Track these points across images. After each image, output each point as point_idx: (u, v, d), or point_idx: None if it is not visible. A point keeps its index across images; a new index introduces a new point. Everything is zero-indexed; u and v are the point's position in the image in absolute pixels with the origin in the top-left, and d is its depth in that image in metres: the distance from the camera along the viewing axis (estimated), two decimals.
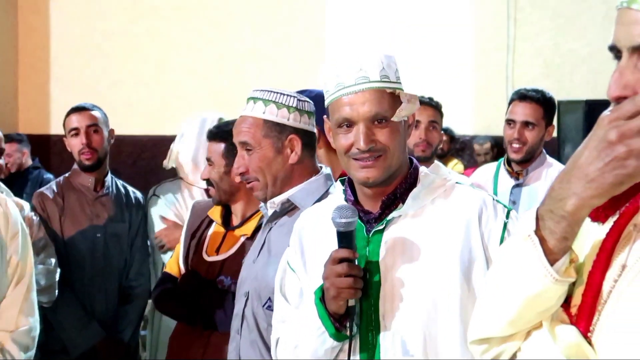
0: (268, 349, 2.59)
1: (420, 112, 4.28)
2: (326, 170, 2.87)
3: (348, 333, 2.13)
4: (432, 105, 4.37)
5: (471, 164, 6.68)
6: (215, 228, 3.17)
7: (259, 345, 2.67)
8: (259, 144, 2.72)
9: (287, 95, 2.77)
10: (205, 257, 3.16)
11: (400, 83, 2.24)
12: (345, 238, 2.11)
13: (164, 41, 8.59)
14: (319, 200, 2.63)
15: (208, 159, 3.19)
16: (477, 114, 7.42)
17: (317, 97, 3.09)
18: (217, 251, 3.22)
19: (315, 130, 2.85)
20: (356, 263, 2.11)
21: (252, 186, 2.79)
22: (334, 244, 2.13)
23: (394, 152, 2.20)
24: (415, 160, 2.34)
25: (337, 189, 2.38)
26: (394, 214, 2.22)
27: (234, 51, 8.17)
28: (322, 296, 2.15)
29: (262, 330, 2.63)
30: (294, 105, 2.76)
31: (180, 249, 3.25)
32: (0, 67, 9.15)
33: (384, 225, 2.23)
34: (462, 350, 2.14)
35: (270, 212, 2.78)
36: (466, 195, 2.27)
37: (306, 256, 2.32)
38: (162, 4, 8.67)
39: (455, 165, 6.29)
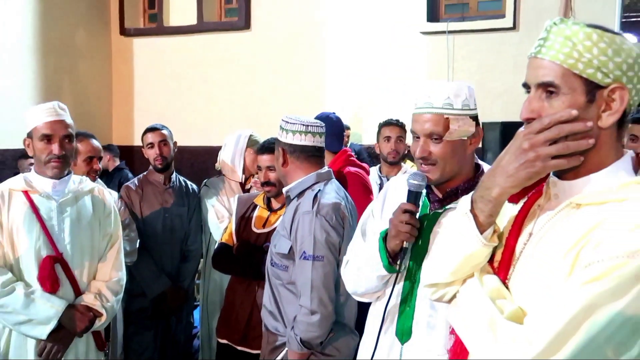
0: (273, 295, 2.62)
1: (392, 130, 4.30)
2: (325, 168, 2.80)
3: (397, 268, 2.04)
4: (399, 126, 4.37)
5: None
6: (260, 211, 3.12)
7: (270, 292, 2.68)
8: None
9: (311, 123, 2.74)
10: (254, 230, 3.11)
11: (460, 111, 2.01)
12: (412, 196, 2.01)
13: (212, 81, 8.59)
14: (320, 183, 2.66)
15: (259, 167, 3.13)
16: None
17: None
18: (264, 226, 3.18)
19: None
20: (417, 218, 2.01)
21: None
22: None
23: (446, 162, 2.03)
24: (482, 167, 2.17)
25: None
26: (452, 205, 2.02)
27: (261, 87, 8.17)
28: (385, 236, 2.06)
29: (271, 276, 2.65)
30: (315, 131, 2.74)
31: (232, 226, 3.20)
32: (100, 98, 9.15)
33: (442, 210, 2.07)
34: None
35: (290, 193, 2.73)
36: None
37: (385, 207, 2.22)
38: (211, 55, 8.65)
39: (413, 166, 6.22)
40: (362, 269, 2.14)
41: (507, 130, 4.16)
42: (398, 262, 2.03)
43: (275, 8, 8.34)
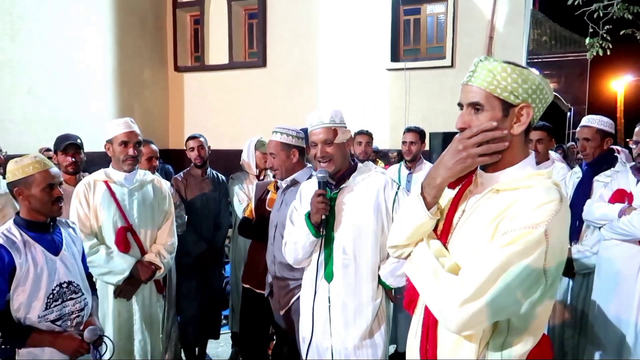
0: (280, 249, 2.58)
1: (362, 137, 4.26)
2: (309, 165, 2.82)
3: (321, 233, 2.15)
4: (368, 134, 4.33)
5: (385, 162, 6.63)
6: (271, 195, 3.07)
7: (281, 247, 2.64)
8: (278, 154, 2.70)
9: (292, 129, 2.74)
10: (267, 208, 3.04)
11: (339, 124, 2.21)
12: (321, 185, 2.14)
13: (239, 103, 8.58)
14: (307, 179, 2.61)
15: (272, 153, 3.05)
16: (391, 138, 7.37)
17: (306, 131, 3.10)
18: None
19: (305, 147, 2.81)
20: (326, 197, 2.13)
21: (275, 174, 2.78)
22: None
23: (338, 158, 2.20)
24: (356, 160, 2.33)
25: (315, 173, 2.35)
26: (342, 185, 2.23)
27: (273, 108, 8.17)
28: (308, 215, 2.16)
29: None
30: (294, 135, 2.72)
31: (252, 205, 3.15)
32: (160, 116, 9.12)
33: (338, 190, 2.23)
34: (372, 253, 2.18)
35: (284, 185, 2.75)
36: (379, 177, 2.24)
37: (302, 202, 2.31)
38: (238, 85, 8.63)
39: (379, 163, 6.20)
40: (298, 242, 2.22)
41: (447, 138, 4.15)
42: (320, 229, 2.15)
43: (283, 52, 8.31)
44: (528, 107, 1.30)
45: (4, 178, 2.89)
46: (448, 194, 1.44)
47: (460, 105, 1.37)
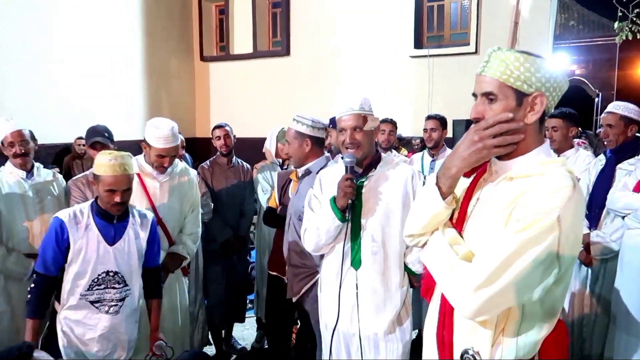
0: (299, 235, 2.57)
1: (386, 125, 4.23)
2: (326, 154, 2.81)
3: (347, 217, 2.13)
4: (391, 122, 4.29)
5: (408, 149, 6.59)
6: (293, 184, 3.07)
7: (295, 235, 2.64)
8: (292, 142, 2.70)
9: (308, 118, 2.71)
10: (290, 197, 3.06)
11: (368, 112, 2.21)
12: (348, 169, 2.13)
13: (263, 92, 8.63)
14: (322, 168, 2.61)
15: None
16: (414, 126, 7.30)
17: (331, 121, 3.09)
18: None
19: (324, 136, 2.80)
20: (353, 181, 2.11)
21: (290, 162, 2.79)
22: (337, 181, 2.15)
23: (365, 145, 2.19)
24: (379, 150, 2.34)
25: (339, 159, 2.33)
26: (370, 174, 2.22)
27: (296, 96, 8.17)
28: (334, 200, 2.13)
29: (297, 228, 2.58)
30: (309, 124, 2.68)
31: (276, 194, 3.15)
32: (186, 105, 9.24)
33: (365, 179, 2.22)
34: (400, 241, 2.17)
35: (300, 174, 2.74)
36: (406, 167, 2.25)
37: (322, 189, 2.29)
38: (262, 74, 8.67)
39: (402, 151, 6.17)
40: (321, 227, 2.17)
41: (470, 125, 4.12)
42: (346, 214, 2.12)
43: (306, 40, 8.29)
44: (542, 96, 1.28)
45: (45, 167, 3.02)
46: (463, 183, 1.44)
47: (474, 95, 1.36)
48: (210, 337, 3.83)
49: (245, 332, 4.28)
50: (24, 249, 2.76)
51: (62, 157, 6.97)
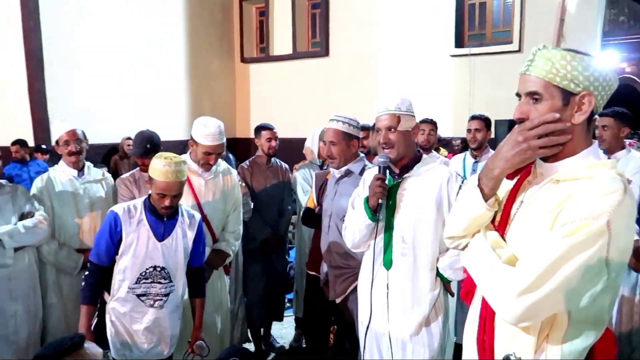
0: (341, 236, 2.57)
1: (426, 125, 4.16)
2: (362, 155, 2.79)
3: (377, 217, 2.14)
4: (431, 122, 4.21)
5: (449, 150, 6.49)
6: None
7: (338, 235, 2.65)
8: (339, 142, 2.68)
9: (352, 119, 2.71)
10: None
11: (405, 112, 2.17)
12: (381, 169, 2.14)
13: (302, 92, 8.69)
14: (361, 170, 2.61)
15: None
16: (454, 126, 7.18)
17: None
18: None
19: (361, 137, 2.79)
20: (384, 182, 2.12)
21: (331, 162, 2.75)
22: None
23: (400, 146, 2.16)
24: (421, 150, 2.29)
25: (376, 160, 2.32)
26: (406, 175, 2.20)
27: (335, 96, 8.18)
28: (367, 199, 2.15)
29: (340, 229, 2.58)
30: (355, 125, 2.69)
31: (314, 195, 3.16)
32: (227, 105, 9.42)
33: (401, 180, 2.20)
34: (431, 245, 2.15)
35: (338, 175, 2.73)
36: (443, 169, 2.20)
37: (365, 188, 2.28)
38: (302, 74, 8.72)
39: (442, 151, 6.08)
40: (355, 225, 2.23)
41: (513, 126, 4.02)
42: (378, 214, 2.13)
43: (345, 41, 8.30)
44: (590, 95, 1.24)
45: (94, 166, 3.14)
46: (506, 185, 1.41)
47: (518, 95, 1.33)
48: (249, 334, 3.89)
49: (283, 331, 4.32)
50: (75, 244, 2.89)
51: (110, 157, 7.24)
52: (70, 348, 1.49)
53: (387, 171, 2.18)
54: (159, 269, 2.33)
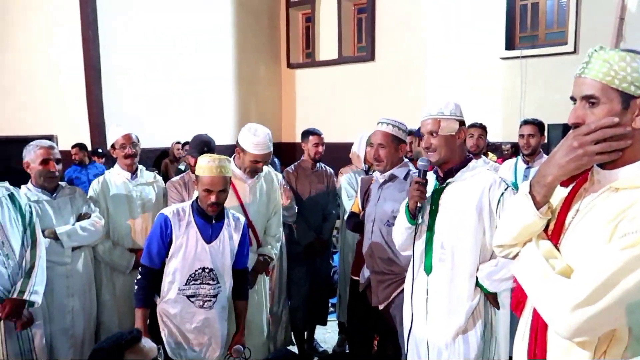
0: (387, 242, 2.56)
1: (474, 130, 4.04)
2: (406, 160, 2.75)
3: (416, 221, 2.15)
4: (480, 127, 4.10)
5: (498, 155, 6.31)
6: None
7: (381, 241, 2.63)
8: (388, 145, 2.64)
9: (402, 123, 2.68)
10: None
11: (448, 116, 2.13)
12: (421, 173, 2.14)
13: (348, 96, 8.70)
14: (406, 175, 2.61)
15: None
16: (503, 131, 6.99)
17: None
18: None
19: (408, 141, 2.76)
20: (423, 186, 2.12)
21: (377, 165, 2.70)
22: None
23: (442, 150, 2.12)
24: (470, 154, 2.25)
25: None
26: (450, 180, 2.15)
27: (380, 100, 8.14)
28: (407, 204, 2.17)
29: (384, 234, 2.58)
30: (405, 129, 2.66)
31: (358, 200, 3.13)
32: (273, 110, 9.57)
33: (445, 185, 2.17)
34: (470, 253, 2.10)
35: (382, 179, 2.69)
36: (487, 175, 2.13)
37: None
38: (347, 79, 8.74)
39: (491, 157, 5.92)
40: (397, 228, 2.28)
41: (567, 130, 3.87)
42: (417, 217, 2.14)
43: (391, 45, 8.26)
44: None
45: (146, 169, 3.26)
46: (560, 192, 1.35)
47: (572, 99, 1.27)
48: (293, 337, 3.91)
49: (327, 335, 4.32)
50: (127, 244, 3.00)
51: (160, 161, 7.49)
52: (128, 342, 1.56)
53: (427, 175, 2.16)
54: (207, 270, 2.37)
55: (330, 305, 4.21)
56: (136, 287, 2.37)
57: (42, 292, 2.50)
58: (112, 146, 3.09)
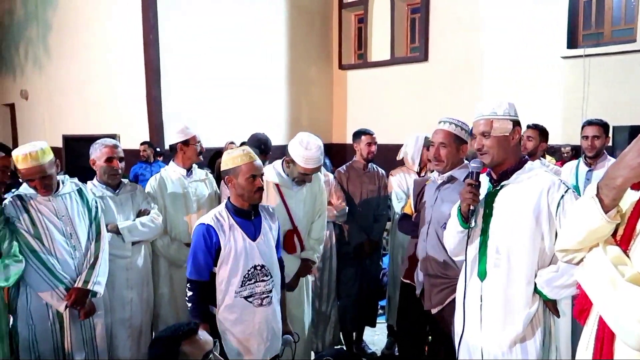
0: (442, 245, 2.47)
1: (532, 132, 3.87)
2: (466, 162, 2.66)
3: (468, 224, 2.09)
4: (537, 128, 3.88)
5: (557, 158, 6.06)
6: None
7: (437, 243, 2.57)
8: (450, 145, 2.59)
9: (465, 123, 2.61)
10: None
11: (502, 116, 2.05)
12: (473, 175, 2.09)
13: (400, 97, 8.62)
14: (465, 177, 2.49)
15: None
16: (563, 132, 6.71)
17: None
18: None
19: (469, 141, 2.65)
20: (476, 188, 2.06)
21: (436, 165, 2.65)
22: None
23: (494, 151, 2.05)
24: (527, 157, 2.16)
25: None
26: (505, 182, 2.08)
27: (434, 101, 8.01)
28: (459, 206, 2.12)
29: (440, 236, 2.51)
30: (467, 129, 2.59)
31: (411, 201, 3.09)
32: (324, 111, 9.61)
33: (499, 187, 2.09)
34: (528, 258, 2.01)
35: (440, 180, 2.64)
36: (546, 177, 2.03)
37: None
38: (399, 80, 8.64)
39: (550, 159, 5.68)
40: (449, 231, 2.23)
41: (634, 132, 3.67)
42: (470, 221, 2.08)
43: (446, 45, 8.10)
44: None
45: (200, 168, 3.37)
46: (631, 196, 1.28)
47: None
48: (341, 337, 3.91)
49: (375, 337, 4.29)
50: (184, 239, 3.10)
51: (214, 160, 7.69)
52: (186, 333, 1.61)
53: (479, 176, 2.10)
54: (259, 267, 2.34)
55: (379, 307, 4.18)
56: (189, 304, 2.30)
57: (104, 284, 2.63)
58: (184, 143, 3.16)
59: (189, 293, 2.30)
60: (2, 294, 2.50)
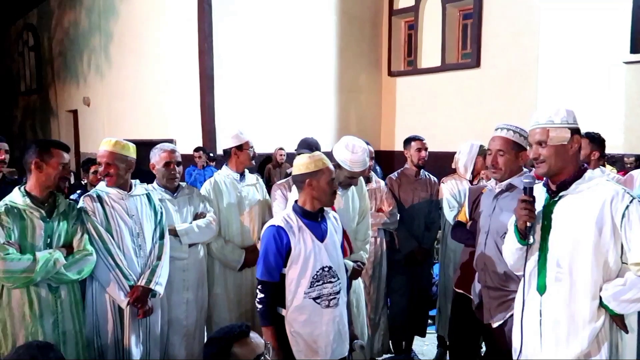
0: (502, 256, 2.36)
1: (588, 143, 3.67)
2: (525, 170, 2.58)
3: (527, 241, 2.04)
4: (589, 136, 3.69)
5: (619, 168, 5.75)
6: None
7: (496, 254, 2.48)
8: (508, 152, 2.51)
9: (524, 130, 2.50)
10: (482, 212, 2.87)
11: (559, 124, 1.97)
12: (526, 190, 2.02)
13: (451, 105, 8.47)
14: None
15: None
16: (625, 141, 6.39)
17: None
18: None
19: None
20: (530, 204, 1.99)
21: (494, 172, 2.57)
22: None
23: (551, 161, 1.98)
24: (585, 165, 2.07)
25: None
26: (563, 192, 2.00)
27: (485, 109, 7.83)
28: (515, 223, 2.07)
29: (500, 247, 2.41)
30: (526, 136, 2.45)
31: (466, 209, 3.01)
32: (373, 118, 9.59)
33: (557, 198, 2.01)
34: (592, 271, 1.92)
35: (498, 189, 2.56)
36: (608, 187, 1.93)
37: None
38: (450, 86, 8.51)
39: (610, 169, 5.42)
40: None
41: None
42: (527, 237, 2.03)
43: (499, 51, 7.92)
44: None
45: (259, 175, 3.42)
46: None
47: None
48: (390, 345, 3.87)
49: (424, 348, 4.21)
50: (237, 242, 3.16)
51: (264, 166, 7.82)
52: (238, 335, 1.64)
53: (533, 192, 2.03)
54: (326, 269, 2.34)
55: (429, 317, 4.11)
56: (259, 305, 2.32)
57: (164, 284, 2.71)
58: (238, 148, 3.23)
59: (260, 295, 2.31)
60: (77, 289, 2.54)
